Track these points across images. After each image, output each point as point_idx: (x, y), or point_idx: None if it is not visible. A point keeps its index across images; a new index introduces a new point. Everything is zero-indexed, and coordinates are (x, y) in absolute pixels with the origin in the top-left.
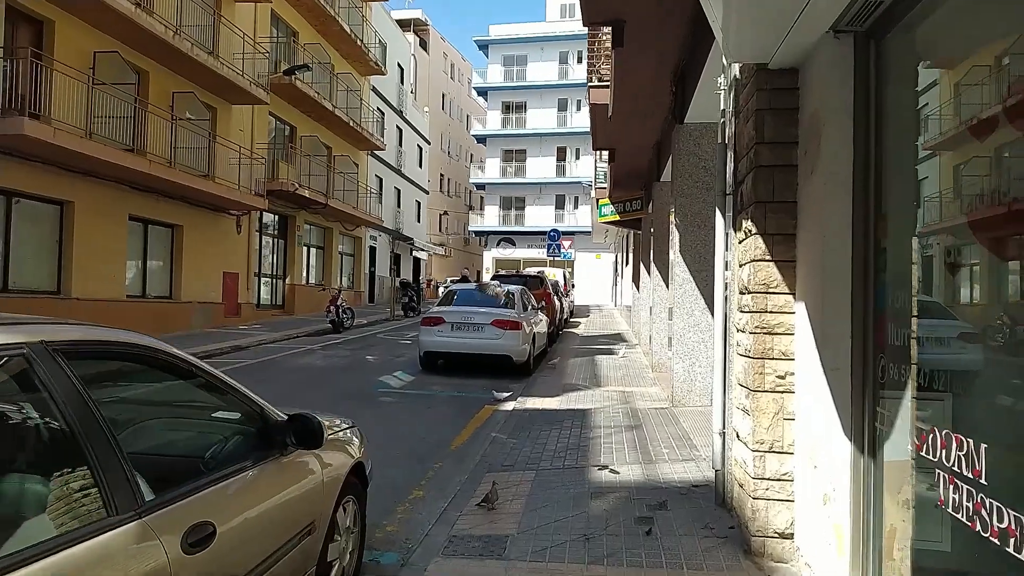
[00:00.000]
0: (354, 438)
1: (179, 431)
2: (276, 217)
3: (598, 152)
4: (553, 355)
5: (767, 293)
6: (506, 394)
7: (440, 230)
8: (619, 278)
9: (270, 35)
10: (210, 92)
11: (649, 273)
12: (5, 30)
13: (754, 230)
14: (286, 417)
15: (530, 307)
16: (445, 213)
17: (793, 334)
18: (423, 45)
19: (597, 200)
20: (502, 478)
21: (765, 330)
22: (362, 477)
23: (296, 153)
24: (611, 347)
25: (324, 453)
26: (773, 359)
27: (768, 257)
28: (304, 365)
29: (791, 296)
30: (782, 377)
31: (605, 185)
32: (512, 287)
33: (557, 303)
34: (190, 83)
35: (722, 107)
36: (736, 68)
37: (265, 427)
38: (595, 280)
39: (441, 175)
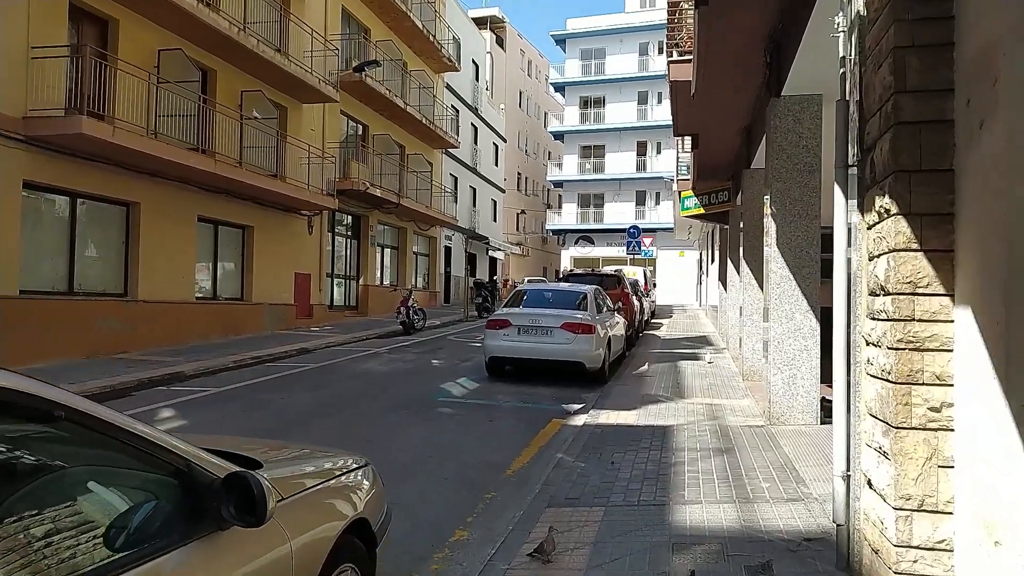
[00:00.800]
0: (363, 482)
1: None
2: (349, 217)
3: (680, 140)
4: (631, 360)
5: (914, 295)
6: (577, 406)
7: (517, 229)
8: (704, 276)
9: (341, 32)
10: (279, 90)
11: (738, 271)
12: (69, 29)
13: (893, 209)
14: (222, 477)
15: (605, 308)
16: (522, 212)
17: (952, 350)
18: (500, 42)
19: (679, 193)
20: (564, 516)
21: (912, 345)
22: (367, 535)
23: (368, 152)
24: (696, 352)
25: (296, 515)
26: (923, 384)
27: (915, 245)
28: (366, 370)
29: (948, 298)
30: (937, 410)
31: (688, 177)
32: (585, 287)
33: (636, 303)
34: (258, 81)
35: (841, 54)
36: (861, 1)
37: (194, 491)
38: (678, 279)
39: (518, 173)
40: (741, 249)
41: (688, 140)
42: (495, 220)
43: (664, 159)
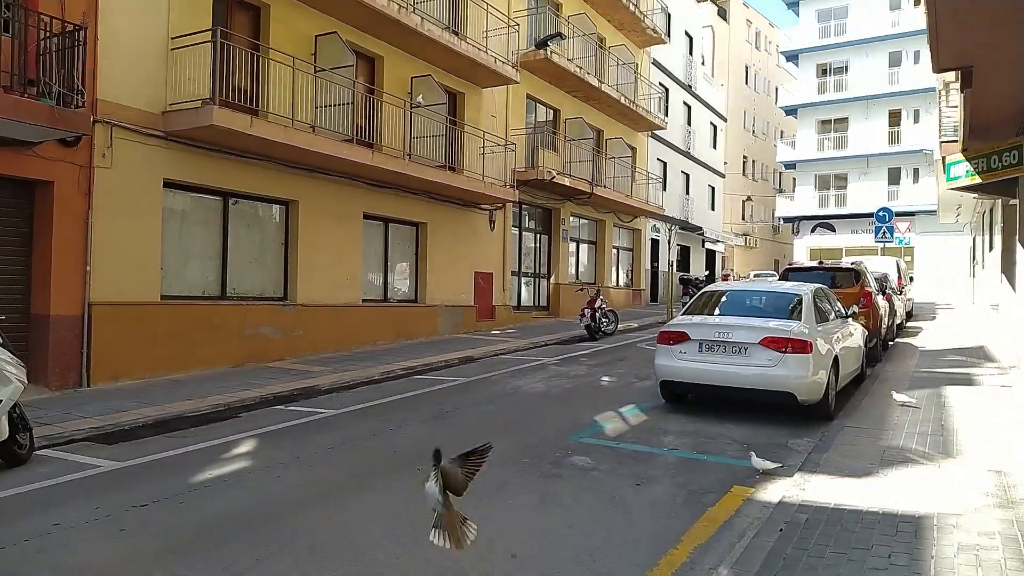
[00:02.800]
0: None
1: None
2: (538, 210)
3: (942, 79)
4: (874, 382)
5: None
6: (774, 465)
7: (743, 218)
8: (977, 268)
9: (527, 7)
10: (452, 74)
11: None
12: (217, 16)
13: None
14: None
15: (833, 315)
16: (748, 199)
17: None
18: (722, 14)
19: (943, 160)
20: None
21: None
22: None
23: (559, 138)
24: (969, 372)
25: None
26: None
27: None
28: (515, 388)
29: None
30: None
31: (954, 138)
32: (802, 287)
33: (883, 305)
34: (428, 65)
35: None
36: None
37: None
38: (942, 271)
39: (744, 157)
40: None
41: (954, 80)
42: (713, 208)
43: (923, 128)
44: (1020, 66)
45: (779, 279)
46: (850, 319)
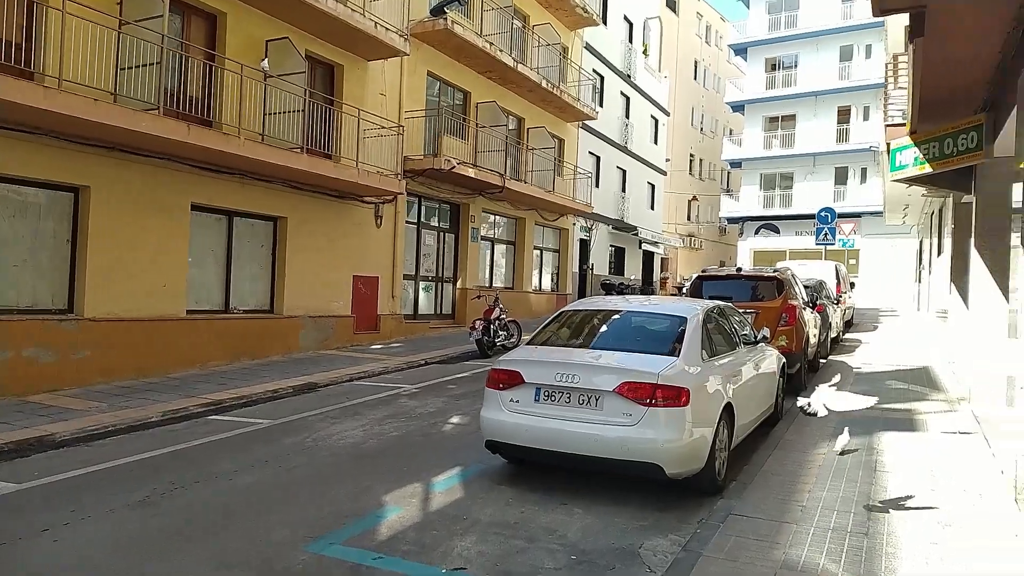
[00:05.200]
0: None
1: None
2: (443, 205)
3: (889, 55)
4: (788, 428)
5: None
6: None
7: (689, 218)
8: (925, 273)
9: None
10: (324, 41)
11: (995, 263)
12: None
13: None
14: None
15: (738, 341)
16: (694, 198)
17: None
18: (672, 5)
19: (888, 146)
20: None
21: None
22: None
23: (469, 124)
24: (912, 409)
25: None
26: None
27: None
28: (321, 439)
29: None
30: None
31: (900, 120)
32: (689, 307)
33: (813, 319)
34: (291, 28)
35: None
36: None
37: None
38: (888, 276)
39: (691, 155)
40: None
41: (903, 34)
42: (652, 208)
43: (873, 126)
44: (987, 7)
45: (689, 292)
46: (763, 343)
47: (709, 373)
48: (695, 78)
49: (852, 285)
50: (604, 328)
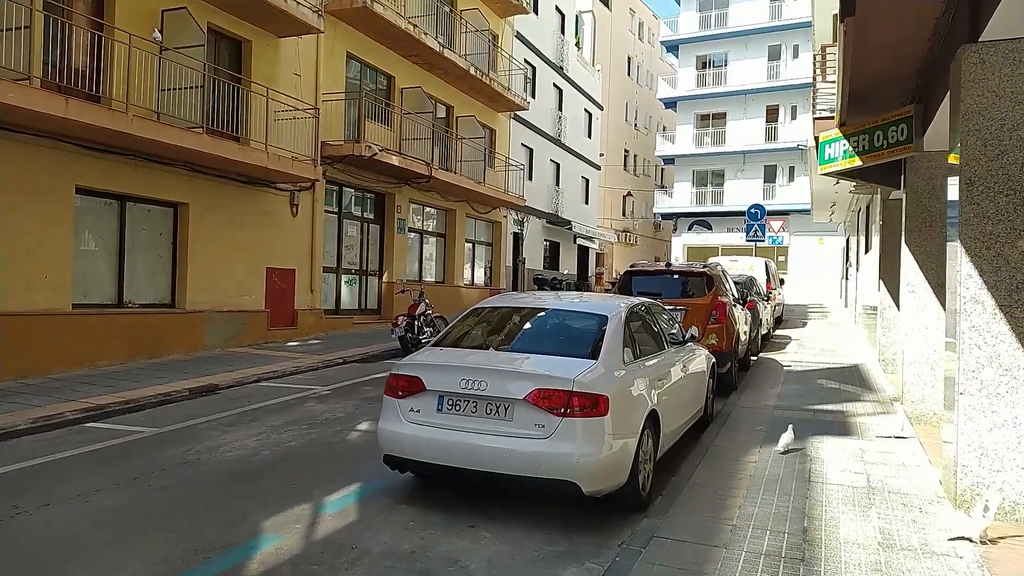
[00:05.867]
0: None
1: None
2: (368, 195)
3: (813, 31)
4: (719, 433)
5: None
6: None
7: (624, 214)
8: (852, 270)
9: None
10: (229, 14)
11: (926, 260)
12: None
13: None
14: None
15: (666, 341)
16: (629, 194)
17: None
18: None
19: (817, 140)
20: None
21: None
22: None
23: (393, 111)
24: (845, 410)
25: None
26: None
27: None
28: (206, 451)
29: None
30: None
31: (828, 114)
32: (611, 304)
33: (743, 317)
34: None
35: None
36: None
37: None
38: (816, 273)
39: (625, 150)
40: (945, 218)
41: (831, 24)
42: (587, 202)
43: (801, 125)
44: None
45: (618, 288)
46: (691, 343)
47: (632, 377)
48: (628, 74)
49: (782, 282)
50: (522, 327)
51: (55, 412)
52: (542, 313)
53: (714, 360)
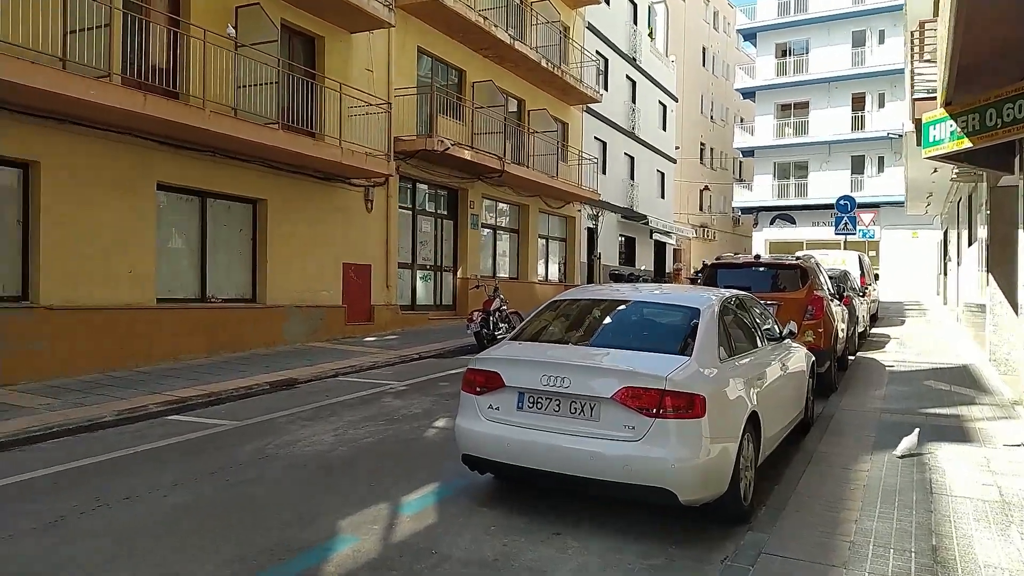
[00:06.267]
0: None
1: None
2: (441, 190)
3: (906, 10)
4: (822, 439)
5: None
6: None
7: (701, 208)
8: (951, 264)
9: None
10: (301, 9)
11: None
12: None
13: None
14: None
15: (761, 337)
16: (706, 188)
17: None
18: None
19: (918, 123)
20: None
21: None
22: None
23: (465, 105)
24: (961, 415)
25: None
26: None
27: None
28: (284, 446)
29: None
30: None
31: (930, 94)
32: (703, 297)
33: (840, 313)
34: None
35: None
36: None
37: None
38: (910, 268)
39: (701, 143)
40: None
41: (931, 20)
42: (662, 196)
43: (890, 113)
44: None
45: (703, 281)
46: (789, 340)
47: (730, 375)
48: (703, 65)
49: (876, 277)
50: (604, 321)
51: (139, 405)
52: (626, 306)
53: (814, 358)
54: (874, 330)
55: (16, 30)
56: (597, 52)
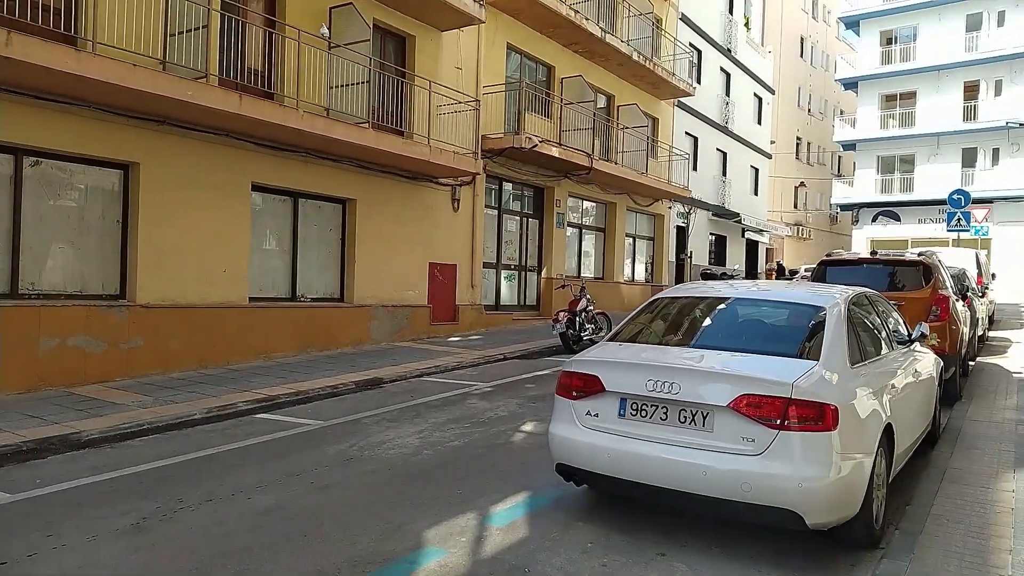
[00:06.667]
0: None
1: None
2: (526, 189)
3: None
4: (952, 453)
5: None
6: None
7: (796, 206)
8: None
9: None
10: (393, 8)
11: None
12: None
13: None
14: None
15: (884, 341)
16: (802, 184)
17: None
18: None
19: None
20: None
21: None
22: None
23: (554, 101)
24: None
25: None
26: None
27: None
28: (368, 447)
29: None
30: None
31: None
32: (828, 294)
33: (963, 315)
34: None
35: None
36: None
37: None
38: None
39: (797, 137)
40: None
41: None
42: (756, 193)
43: (1008, 101)
44: None
45: (812, 280)
46: (917, 343)
47: (861, 383)
48: (801, 55)
49: (993, 276)
50: (713, 321)
51: (228, 402)
52: (736, 304)
53: (942, 364)
54: (992, 333)
55: (120, 35)
56: (690, 44)
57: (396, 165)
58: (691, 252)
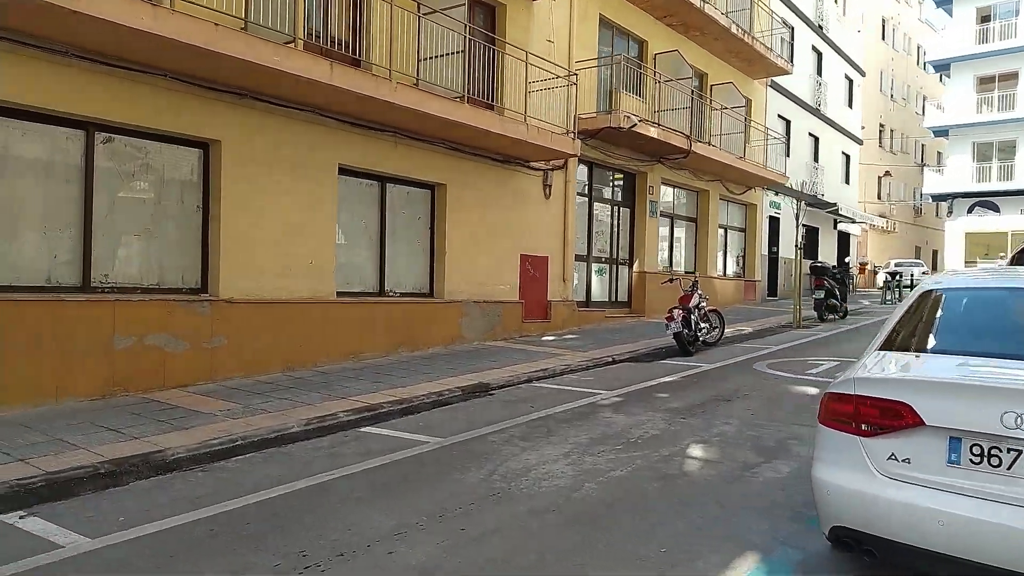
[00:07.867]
0: None
1: None
2: (616, 174)
3: None
4: None
5: None
6: None
7: (879, 196)
8: None
9: None
10: None
11: None
12: None
13: None
14: None
15: None
16: (887, 173)
17: None
18: None
19: None
20: None
21: None
22: None
23: (647, 78)
24: None
25: None
26: None
27: None
28: (510, 477)
29: None
30: None
31: None
32: None
33: None
34: None
35: None
36: None
37: None
38: None
39: (880, 124)
40: None
41: None
42: (847, 182)
43: None
44: None
45: (1012, 263)
46: None
47: None
48: (883, 38)
49: None
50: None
51: (327, 412)
52: None
53: None
54: None
55: None
56: (782, 20)
57: (487, 146)
58: (800, 245)
